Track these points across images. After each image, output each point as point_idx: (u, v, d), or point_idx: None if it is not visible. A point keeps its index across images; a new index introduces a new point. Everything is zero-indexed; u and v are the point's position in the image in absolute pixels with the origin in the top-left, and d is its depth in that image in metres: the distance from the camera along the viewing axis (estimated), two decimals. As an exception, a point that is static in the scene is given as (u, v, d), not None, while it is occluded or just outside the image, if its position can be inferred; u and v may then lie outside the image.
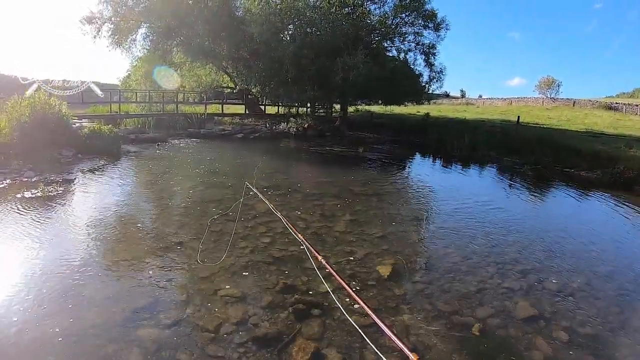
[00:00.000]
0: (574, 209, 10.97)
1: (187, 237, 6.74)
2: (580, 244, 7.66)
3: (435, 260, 6.36)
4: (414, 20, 26.96)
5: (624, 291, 5.65)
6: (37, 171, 10.60)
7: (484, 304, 5.00)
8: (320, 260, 1.46)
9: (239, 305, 4.63)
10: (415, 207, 10.41)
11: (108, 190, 10.01)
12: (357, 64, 22.26)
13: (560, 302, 5.16)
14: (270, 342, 4.02)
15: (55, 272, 5.19)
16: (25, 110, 12.49)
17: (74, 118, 15.65)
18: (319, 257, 1.48)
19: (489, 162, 18.00)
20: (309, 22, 24.39)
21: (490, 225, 8.43)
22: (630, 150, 16.79)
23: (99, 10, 23.90)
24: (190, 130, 23.02)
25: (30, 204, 8.10)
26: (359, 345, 4.03)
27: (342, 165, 16.13)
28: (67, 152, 13.00)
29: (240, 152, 18.25)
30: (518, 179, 14.53)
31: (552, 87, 53.55)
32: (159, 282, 5.08)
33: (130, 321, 4.21)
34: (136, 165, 13.78)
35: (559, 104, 47.21)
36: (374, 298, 4.95)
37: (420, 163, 19.48)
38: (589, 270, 6.32)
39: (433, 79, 29.23)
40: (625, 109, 40.09)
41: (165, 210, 8.57)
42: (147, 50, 27.22)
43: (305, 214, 8.41)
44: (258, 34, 22.58)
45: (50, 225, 7.13)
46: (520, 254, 6.81)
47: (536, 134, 21.38)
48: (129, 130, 21.13)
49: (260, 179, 11.27)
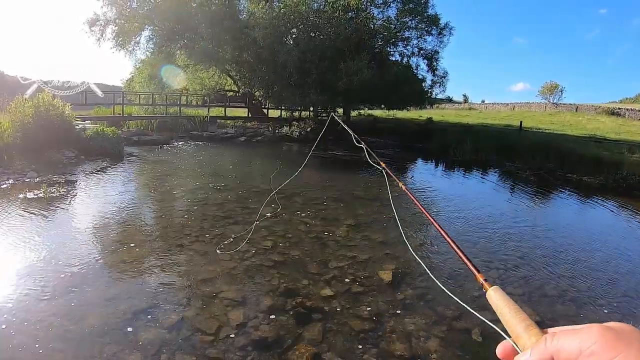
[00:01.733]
0: (576, 214, 10.95)
1: (188, 239, 6.74)
2: (581, 249, 7.63)
3: (435, 265, 6.34)
4: (417, 24, 27.09)
5: (626, 297, 5.63)
6: (40, 172, 10.63)
7: (485, 309, 4.97)
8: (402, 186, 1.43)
9: (239, 309, 4.62)
10: (416, 212, 10.40)
11: (110, 192, 10.03)
12: (361, 68, 22.33)
13: (561, 308, 5.14)
14: (270, 346, 4.01)
15: (56, 273, 5.19)
16: (28, 111, 12.53)
17: (77, 119, 15.71)
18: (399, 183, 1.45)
19: (491, 167, 17.96)
20: (313, 26, 24.50)
21: (492, 230, 8.42)
22: (633, 155, 16.77)
23: (103, 13, 24.06)
24: (193, 132, 23.10)
25: (33, 204, 8.12)
26: (360, 350, 4.02)
27: (344, 169, 16.14)
28: (69, 153, 13.03)
29: (243, 155, 18.29)
30: (520, 184, 14.49)
31: (555, 93, 53.55)
32: (160, 284, 5.08)
33: (130, 323, 4.20)
34: (138, 167, 13.82)
35: (561, 109, 47.18)
36: (375, 302, 4.94)
37: (422, 167, 19.45)
38: (590, 275, 6.30)
39: (436, 83, 29.40)
40: (629, 114, 40.02)
41: (166, 212, 8.58)
42: (150, 53, 27.36)
43: (307, 217, 8.40)
44: (261, 38, 22.67)
45: (51, 227, 7.15)
46: (522, 259, 6.79)
47: (539, 139, 21.38)
48: (132, 132, 21.25)
49: (261, 182, 11.28)
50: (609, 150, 18.68)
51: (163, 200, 9.62)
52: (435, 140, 23.52)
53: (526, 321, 0.65)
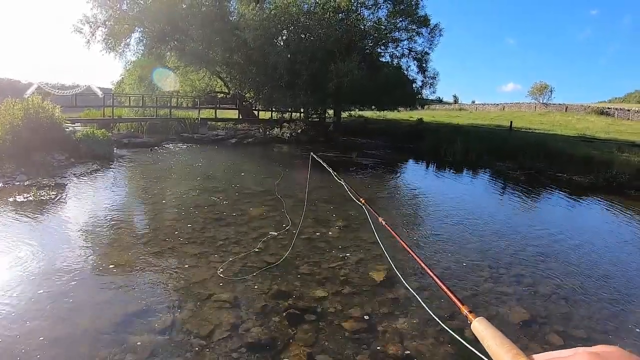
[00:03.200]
0: (567, 213, 11.02)
1: (179, 241, 6.70)
2: (573, 247, 7.67)
3: (429, 264, 6.34)
4: (408, 26, 27.14)
5: (618, 294, 5.67)
6: (29, 175, 10.53)
7: (477, 308, 5.00)
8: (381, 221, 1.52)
9: (231, 311, 4.60)
10: (408, 213, 10.44)
11: (100, 195, 9.95)
12: (351, 69, 22.35)
13: (553, 306, 5.17)
14: (263, 347, 4.00)
15: (47, 277, 5.13)
16: (18, 114, 12.40)
17: (67, 122, 15.56)
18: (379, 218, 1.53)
19: (482, 167, 18.06)
20: (303, 27, 24.52)
21: (483, 230, 8.46)
22: (623, 154, 16.92)
23: (93, 15, 23.84)
24: (184, 135, 22.98)
25: (22, 208, 8.04)
26: (353, 351, 4.02)
27: (335, 170, 16.08)
28: (59, 156, 12.91)
29: (234, 157, 18.23)
30: (511, 184, 14.58)
31: (545, 93, 54.02)
32: (151, 287, 5.05)
33: (122, 327, 4.17)
34: (129, 170, 13.73)
35: (551, 109, 47.57)
36: (368, 302, 4.94)
37: (413, 168, 19.51)
38: (582, 273, 6.35)
39: (426, 84, 29.46)
40: (618, 113, 40.44)
41: (157, 215, 8.53)
42: (140, 55, 27.19)
43: (298, 218, 8.39)
44: (252, 39, 22.61)
45: (41, 230, 7.08)
46: (513, 258, 6.83)
47: (529, 139, 21.52)
48: (122, 134, 21.12)
49: (252, 184, 11.27)
50: (599, 149, 18.83)
51: (154, 202, 9.56)
52: (426, 141, 23.60)
53: (513, 350, 0.66)
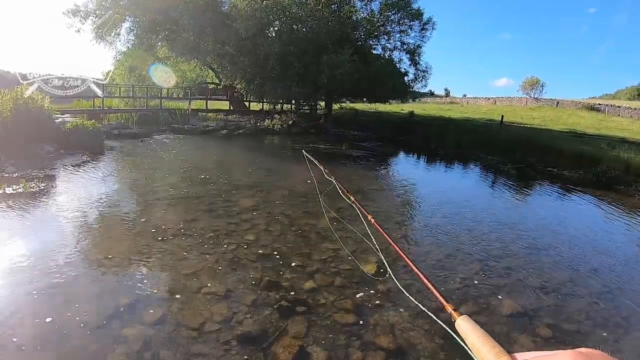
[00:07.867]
0: (556, 207, 11.12)
1: (170, 233, 6.67)
2: (563, 241, 7.76)
3: (419, 258, 6.38)
4: (400, 19, 27.06)
5: (607, 288, 5.75)
6: (19, 167, 10.41)
7: (468, 300, 5.05)
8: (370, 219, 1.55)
9: (223, 303, 4.59)
10: (398, 204, 10.48)
11: (90, 187, 9.86)
12: (343, 62, 22.27)
13: (544, 299, 5.22)
14: (255, 340, 4.00)
15: (37, 269, 5.08)
16: (7, 105, 12.24)
17: (57, 113, 15.39)
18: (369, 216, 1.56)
19: (473, 161, 18.15)
20: (295, 18, 24.35)
21: (474, 223, 8.52)
22: (613, 150, 17.06)
23: (84, 3, 23.56)
24: (174, 125, 22.82)
25: (12, 200, 7.95)
26: (344, 342, 4.03)
27: (326, 162, 16.07)
28: (49, 147, 12.76)
29: (225, 148, 18.17)
30: (502, 178, 14.67)
31: (536, 88, 54.24)
32: (143, 280, 5.02)
33: (113, 319, 4.15)
34: (119, 161, 13.63)
35: (542, 104, 47.85)
36: (359, 295, 4.96)
37: (404, 161, 19.56)
38: (572, 267, 6.42)
39: (418, 77, 29.40)
40: (608, 109, 40.77)
41: (148, 206, 8.47)
42: (131, 45, 26.95)
43: (289, 210, 8.39)
44: (244, 30, 22.42)
45: (31, 222, 7.01)
46: (503, 251, 6.89)
47: (520, 134, 21.65)
48: (113, 125, 20.93)
49: (243, 176, 11.25)
50: (589, 144, 18.98)
51: (144, 194, 9.50)
52: (417, 133, 23.66)
53: (495, 348, 0.67)
